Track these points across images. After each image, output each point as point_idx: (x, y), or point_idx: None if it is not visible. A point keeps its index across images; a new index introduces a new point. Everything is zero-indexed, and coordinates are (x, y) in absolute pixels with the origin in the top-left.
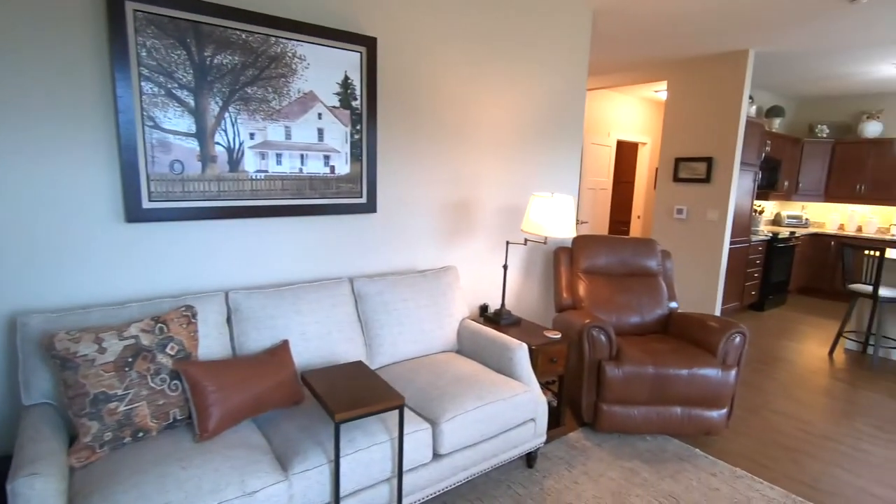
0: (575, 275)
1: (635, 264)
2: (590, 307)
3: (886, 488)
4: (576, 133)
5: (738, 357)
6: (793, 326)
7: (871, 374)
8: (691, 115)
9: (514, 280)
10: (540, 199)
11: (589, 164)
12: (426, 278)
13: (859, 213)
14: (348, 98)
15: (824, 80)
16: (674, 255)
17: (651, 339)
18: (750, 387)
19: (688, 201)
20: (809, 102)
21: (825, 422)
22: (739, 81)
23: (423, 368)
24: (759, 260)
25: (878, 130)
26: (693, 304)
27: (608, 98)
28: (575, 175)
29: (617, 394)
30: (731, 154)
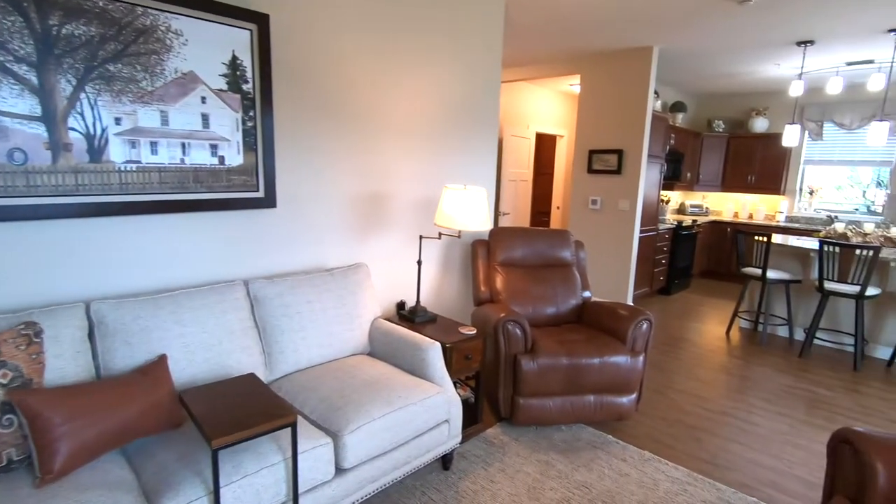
0: (492, 268)
1: (550, 255)
2: (507, 300)
3: (773, 458)
4: (492, 124)
5: (645, 343)
6: (695, 308)
7: (761, 349)
8: (603, 108)
9: (433, 275)
10: (452, 191)
11: (509, 156)
12: (334, 277)
13: (750, 202)
14: (238, 81)
15: (719, 78)
16: (589, 244)
17: (566, 329)
18: (657, 369)
19: (601, 192)
20: (708, 99)
21: (722, 398)
22: (645, 77)
23: (329, 375)
24: (665, 247)
25: (765, 126)
26: (608, 291)
27: (527, 91)
28: (492, 166)
29: (533, 386)
30: (639, 147)
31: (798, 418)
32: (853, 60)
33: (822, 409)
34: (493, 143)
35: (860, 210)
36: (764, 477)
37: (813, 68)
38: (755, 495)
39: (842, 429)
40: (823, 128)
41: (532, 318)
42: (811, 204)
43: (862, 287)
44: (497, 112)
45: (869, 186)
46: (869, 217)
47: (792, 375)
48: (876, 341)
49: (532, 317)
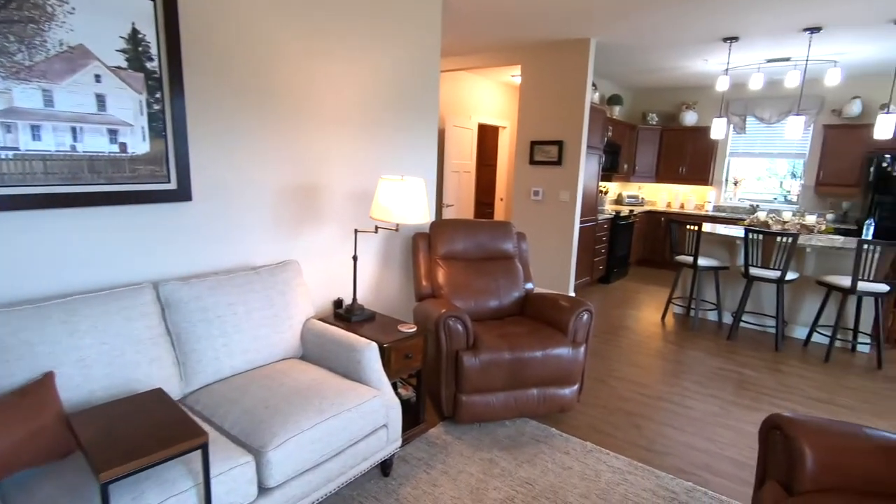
0: (434, 261)
1: (492, 247)
2: (449, 294)
3: (706, 440)
4: (432, 113)
5: (586, 334)
6: (633, 296)
7: (693, 334)
8: (543, 99)
9: (371, 270)
10: (389, 182)
11: (452, 147)
12: (260, 276)
13: (682, 192)
14: (140, 58)
15: (653, 72)
16: (532, 235)
17: (508, 322)
18: (598, 357)
19: (543, 183)
20: (642, 93)
21: (659, 383)
22: (583, 69)
23: (254, 384)
24: (605, 237)
25: (695, 119)
26: (551, 281)
27: (469, 81)
28: (433, 157)
29: (475, 383)
30: (578, 138)
31: (727, 399)
32: (772, 58)
33: (749, 389)
34: (433, 133)
35: (778, 199)
36: (698, 460)
37: (737, 64)
38: (691, 479)
39: (772, 415)
40: (746, 122)
41: (475, 311)
42: (736, 194)
43: (782, 272)
44: (437, 101)
45: (785, 177)
46: (786, 206)
47: (721, 358)
48: (794, 322)
49: (475, 311)
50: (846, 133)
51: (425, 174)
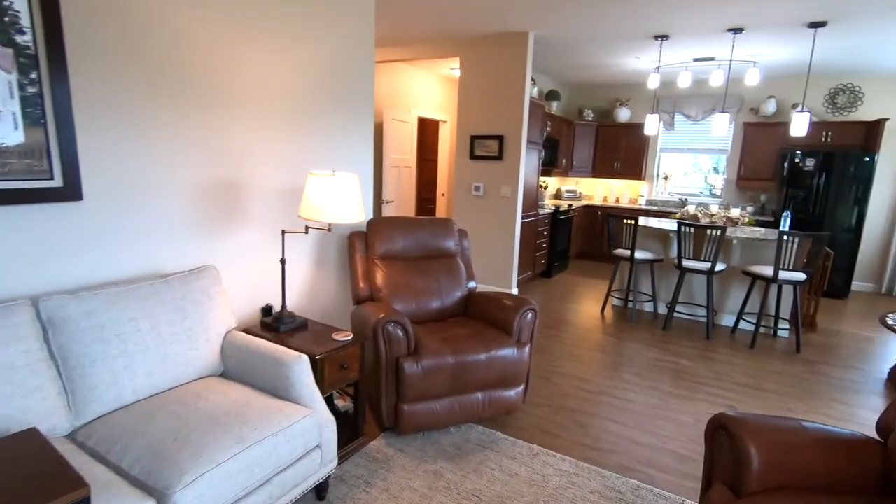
0: (371, 262)
1: (433, 246)
2: (389, 296)
3: (648, 434)
4: (367, 105)
5: (531, 333)
6: (574, 289)
7: (632, 326)
8: (483, 93)
9: (305, 273)
10: (319, 178)
11: (391, 141)
12: (170, 286)
13: (617, 187)
14: (7, 30)
15: (589, 68)
16: (474, 231)
17: (451, 323)
18: (541, 353)
19: (484, 178)
20: (579, 89)
21: (601, 378)
22: (522, 62)
23: (162, 411)
24: (546, 231)
25: (628, 116)
26: (494, 277)
27: (408, 73)
28: (369, 151)
29: (418, 391)
30: (518, 132)
31: (666, 391)
32: (699, 57)
33: (685, 379)
34: (369, 126)
35: (704, 193)
36: (642, 455)
37: (667, 63)
38: (637, 477)
39: (718, 415)
40: (675, 118)
41: (416, 314)
42: (666, 188)
43: (712, 263)
44: (372, 92)
45: (709, 172)
46: (711, 199)
47: (658, 348)
48: (722, 311)
49: (416, 313)
50: (763, 130)
51: (362, 169)
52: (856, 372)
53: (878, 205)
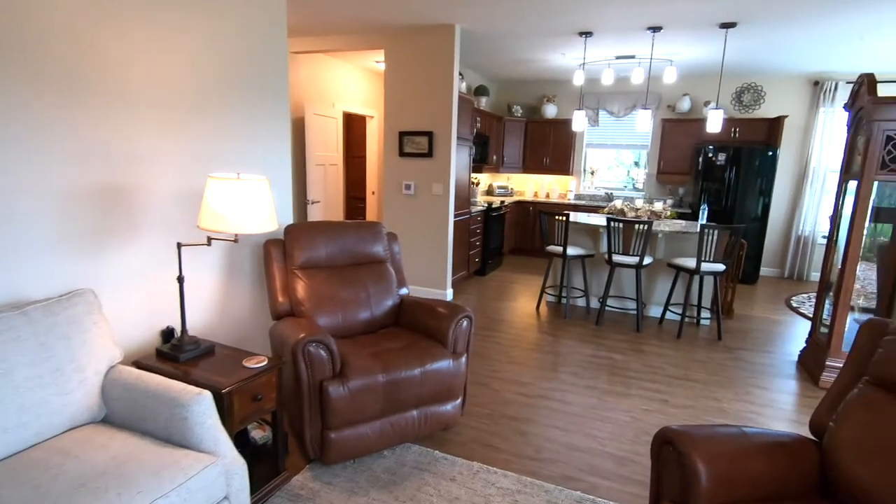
0: (291, 272)
1: (360, 252)
2: (311, 310)
3: (587, 438)
4: (281, 98)
5: (466, 342)
6: (509, 287)
7: (566, 322)
8: (410, 87)
9: (214, 289)
10: (220, 182)
11: (314, 137)
12: (29, 318)
13: (547, 182)
14: None
15: (517, 64)
16: (406, 232)
17: (382, 336)
18: (478, 357)
19: (415, 176)
20: (507, 84)
21: (539, 379)
22: (450, 56)
23: (16, 478)
24: (479, 229)
25: (555, 112)
26: (429, 279)
27: (330, 65)
28: (286, 148)
29: (346, 415)
30: (448, 128)
31: (602, 388)
32: (621, 55)
33: (619, 374)
34: (284, 121)
35: (628, 187)
36: (583, 463)
37: (591, 59)
38: (579, 487)
39: (664, 430)
40: (599, 115)
41: (343, 327)
42: (593, 183)
43: (640, 258)
44: (286, 84)
45: (632, 167)
46: (634, 193)
47: (593, 344)
48: (650, 302)
49: (343, 326)
50: (680, 127)
51: (278, 169)
52: (770, 356)
53: (780, 196)
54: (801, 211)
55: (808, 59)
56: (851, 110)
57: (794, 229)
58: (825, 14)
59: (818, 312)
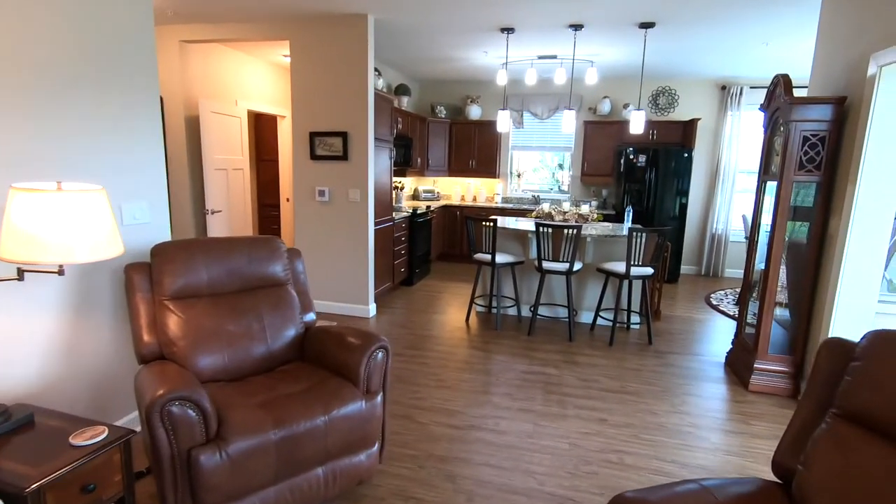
0: (161, 304)
1: (253, 273)
2: (188, 349)
3: (524, 476)
4: (147, 90)
5: (383, 377)
6: (437, 297)
7: (497, 334)
8: (320, 83)
9: (58, 331)
10: (30, 195)
11: (212, 139)
12: None
13: (473, 185)
14: None
15: (438, 62)
16: (321, 243)
17: (281, 376)
18: (403, 383)
19: (329, 181)
20: (430, 84)
21: (470, 406)
22: (363, 49)
23: None
24: (404, 236)
25: (479, 113)
26: (348, 294)
27: (232, 59)
28: (156, 150)
29: (226, 489)
30: (364, 129)
31: (538, 411)
32: (543, 54)
33: (554, 392)
34: (152, 118)
35: (554, 189)
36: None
37: (514, 59)
38: None
39: (617, 499)
40: (523, 116)
41: (231, 368)
42: (520, 186)
43: (570, 264)
44: (154, 71)
45: (556, 169)
46: (560, 195)
47: (526, 358)
48: (580, 308)
49: (230, 367)
50: (601, 129)
51: (149, 173)
52: (698, 359)
53: (696, 195)
54: (715, 210)
55: (717, 64)
56: (767, 111)
57: (708, 228)
58: (733, 18)
59: (742, 313)
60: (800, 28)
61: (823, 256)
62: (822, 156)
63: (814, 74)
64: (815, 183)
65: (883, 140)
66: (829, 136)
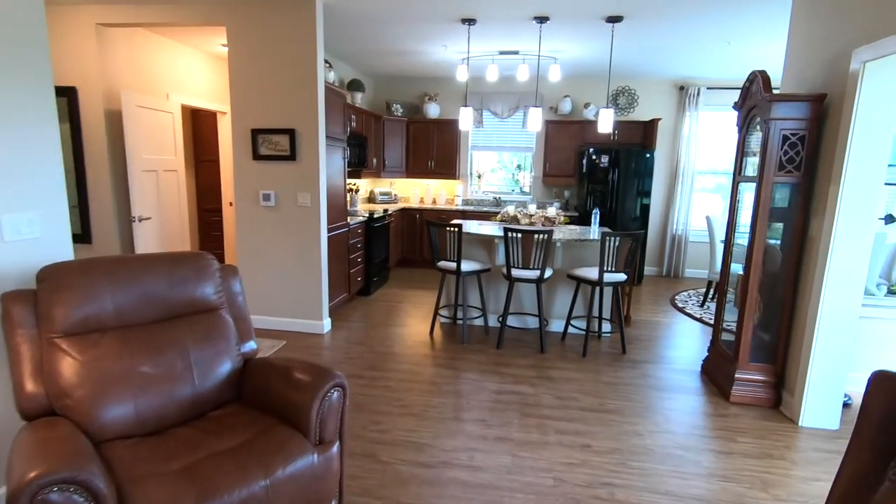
0: (50, 344)
1: (177, 298)
2: (88, 399)
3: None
4: (36, 74)
5: (339, 422)
6: (398, 307)
7: (464, 348)
8: (262, 74)
9: None
10: None
11: (138, 137)
12: None
13: (433, 187)
14: None
15: (394, 56)
16: (268, 253)
17: (210, 426)
18: (363, 412)
19: (275, 184)
20: (385, 81)
21: (441, 436)
22: (311, 38)
23: None
24: (360, 243)
25: (438, 112)
26: (299, 308)
27: (163, 48)
28: (50, 149)
29: None
30: (314, 126)
31: (516, 439)
32: (505, 50)
33: (532, 415)
34: (44, 108)
35: (515, 191)
36: None
37: (475, 54)
38: None
39: None
40: (483, 116)
41: (146, 420)
42: (480, 187)
43: (541, 271)
44: (45, 53)
45: (516, 170)
46: (521, 197)
47: (497, 375)
48: (550, 316)
49: (148, 418)
50: (563, 128)
51: (31, 179)
52: (674, 369)
53: (657, 196)
54: (675, 210)
55: (676, 63)
56: (741, 110)
57: (669, 229)
58: (700, 14)
59: (719, 318)
60: (764, 28)
61: (804, 259)
62: (802, 156)
63: (787, 72)
64: (793, 184)
65: (866, 139)
66: (809, 135)
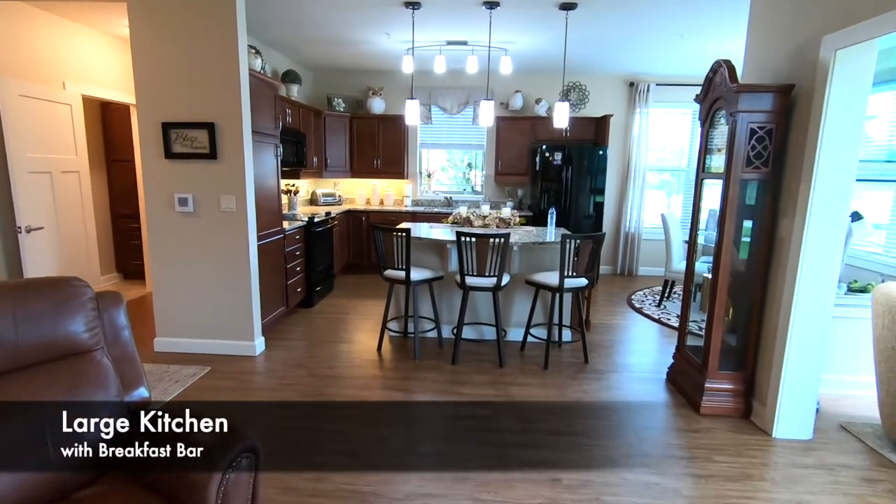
0: None
1: (30, 342)
2: None
3: None
4: None
5: (250, 499)
6: (343, 319)
7: (416, 365)
8: (173, 59)
9: None
10: None
11: (23, 131)
12: None
13: (380, 187)
14: None
15: (333, 45)
16: (186, 263)
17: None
18: (297, 450)
19: (193, 186)
20: (325, 73)
21: (390, 480)
22: (230, 18)
23: None
24: (299, 250)
25: (383, 107)
26: (226, 329)
27: (56, 28)
28: None
29: None
30: (237, 119)
31: (477, 478)
32: (452, 40)
33: (493, 443)
34: None
35: (466, 190)
36: None
37: (421, 43)
38: None
39: None
40: (431, 111)
41: None
42: (430, 187)
43: (498, 279)
44: None
45: (467, 169)
46: (474, 196)
47: (454, 395)
48: (507, 324)
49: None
50: (514, 125)
51: None
52: (639, 380)
53: (610, 194)
54: (628, 208)
55: (627, 59)
56: (703, 103)
57: (622, 227)
58: (655, 3)
59: (684, 324)
60: (719, 23)
61: (773, 260)
62: (770, 150)
63: (748, 63)
64: (760, 181)
65: (838, 132)
66: (777, 128)
